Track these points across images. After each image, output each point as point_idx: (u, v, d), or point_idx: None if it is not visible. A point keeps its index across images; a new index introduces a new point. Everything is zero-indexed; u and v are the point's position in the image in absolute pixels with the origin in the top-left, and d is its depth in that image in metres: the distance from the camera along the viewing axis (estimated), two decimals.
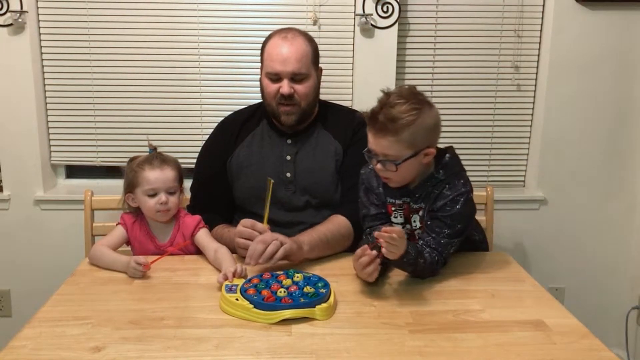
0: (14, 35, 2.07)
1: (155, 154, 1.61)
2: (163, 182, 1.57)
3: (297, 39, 1.69)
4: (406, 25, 2.20)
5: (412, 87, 1.44)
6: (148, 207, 1.58)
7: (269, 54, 1.69)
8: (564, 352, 1.11)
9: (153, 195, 1.57)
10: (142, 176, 1.57)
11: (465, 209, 1.45)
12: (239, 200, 1.79)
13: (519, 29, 2.22)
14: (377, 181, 1.54)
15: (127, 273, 1.45)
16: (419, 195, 1.48)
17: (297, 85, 1.68)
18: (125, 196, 1.62)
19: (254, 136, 1.79)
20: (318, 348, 1.12)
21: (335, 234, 1.60)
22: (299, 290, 1.27)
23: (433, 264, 1.41)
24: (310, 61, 1.71)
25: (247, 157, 1.76)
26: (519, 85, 2.28)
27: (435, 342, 1.14)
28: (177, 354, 1.09)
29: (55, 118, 2.21)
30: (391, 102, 1.37)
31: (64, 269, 1.58)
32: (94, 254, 1.55)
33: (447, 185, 1.45)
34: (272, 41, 1.70)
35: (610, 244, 2.35)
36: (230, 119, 1.86)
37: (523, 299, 1.35)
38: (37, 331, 1.17)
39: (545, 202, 2.30)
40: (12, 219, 2.21)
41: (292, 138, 1.76)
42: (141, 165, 1.58)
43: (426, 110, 1.39)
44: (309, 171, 1.74)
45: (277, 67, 1.66)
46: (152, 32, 2.15)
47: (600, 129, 2.26)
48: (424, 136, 1.39)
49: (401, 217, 1.52)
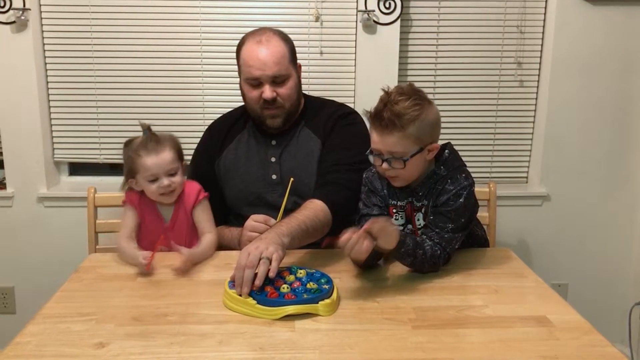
0: (17, 32, 2.08)
1: (149, 136, 1.56)
2: (161, 167, 1.53)
3: (272, 40, 1.64)
4: (408, 22, 2.20)
5: (411, 84, 1.45)
6: (151, 192, 1.56)
7: (245, 59, 1.64)
8: (567, 348, 1.11)
9: (154, 181, 1.54)
10: (139, 163, 1.53)
11: (468, 202, 1.45)
12: (230, 203, 1.77)
13: (521, 25, 2.22)
14: (381, 183, 1.53)
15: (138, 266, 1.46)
16: (422, 194, 1.48)
17: (279, 88, 1.65)
18: (127, 181, 1.60)
19: (240, 139, 1.78)
20: (321, 344, 1.12)
21: (314, 220, 1.48)
22: (302, 286, 1.27)
23: (434, 257, 1.41)
24: (289, 60, 1.67)
25: (234, 160, 1.76)
26: (521, 82, 2.28)
27: (438, 338, 1.14)
28: (181, 350, 1.09)
29: (58, 115, 2.22)
30: (394, 99, 1.38)
31: (68, 266, 1.58)
32: (118, 252, 1.55)
33: (449, 180, 1.45)
34: (246, 46, 1.65)
35: (613, 240, 2.35)
36: (217, 123, 1.85)
37: (526, 295, 1.35)
38: (41, 327, 1.17)
39: (548, 198, 2.30)
40: (15, 216, 2.22)
41: (276, 139, 1.74)
42: (137, 152, 1.54)
43: (427, 106, 1.41)
44: (293, 172, 1.70)
45: (255, 72, 1.62)
46: (154, 29, 2.16)
47: (603, 125, 2.25)
48: (428, 131, 1.41)
49: (402, 218, 1.52)
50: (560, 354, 1.09)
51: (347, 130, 1.73)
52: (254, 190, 1.72)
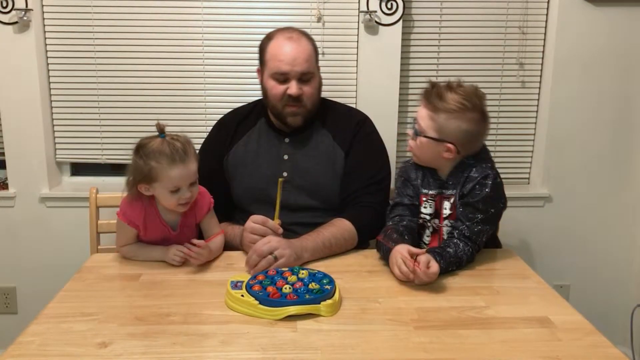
0: (19, 33, 2.08)
1: (170, 142, 1.45)
2: (187, 178, 1.46)
3: (302, 39, 1.67)
4: (410, 22, 2.20)
5: (478, 90, 1.52)
6: (169, 203, 1.48)
7: (274, 54, 1.66)
8: (569, 349, 1.11)
9: (175, 192, 1.46)
10: (162, 174, 1.43)
11: (494, 193, 1.50)
12: (237, 199, 1.78)
13: (523, 26, 2.22)
14: (415, 173, 1.60)
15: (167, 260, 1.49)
16: (452, 183, 1.54)
17: (305, 86, 1.67)
18: (137, 186, 1.48)
19: (250, 135, 1.78)
20: (323, 344, 1.12)
21: (339, 238, 1.58)
22: (304, 286, 1.28)
23: (468, 255, 1.47)
24: (315, 60, 1.70)
25: (244, 156, 1.76)
26: (523, 82, 2.28)
27: (440, 338, 1.14)
28: (183, 350, 1.10)
29: (60, 116, 2.22)
30: (453, 87, 1.48)
31: (70, 266, 1.58)
32: (127, 255, 1.55)
33: (474, 169, 1.52)
34: (275, 41, 1.67)
35: (615, 241, 2.35)
36: (227, 118, 1.85)
37: (528, 295, 1.35)
38: (44, 327, 1.17)
39: (550, 199, 2.30)
40: (17, 217, 2.22)
41: (289, 137, 1.75)
42: (159, 160, 1.42)
43: (470, 114, 1.47)
44: (306, 171, 1.72)
45: (284, 67, 1.64)
46: (156, 30, 2.16)
47: (605, 126, 2.25)
48: (454, 132, 1.47)
49: (431, 207, 1.57)
50: (562, 355, 1.09)
51: (369, 141, 1.77)
52: (262, 187, 1.71)
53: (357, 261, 1.55)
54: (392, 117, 2.16)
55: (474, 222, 1.49)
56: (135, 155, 1.47)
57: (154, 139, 1.46)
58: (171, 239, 1.54)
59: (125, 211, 1.53)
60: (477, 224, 1.49)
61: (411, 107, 2.26)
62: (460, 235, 1.48)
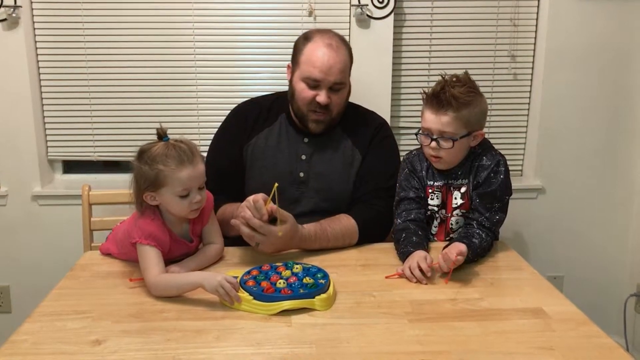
0: (8, 30, 2.06)
1: (180, 149, 1.36)
2: (197, 179, 1.37)
3: (341, 48, 1.64)
4: (402, 16, 2.19)
5: (467, 73, 1.57)
6: (180, 209, 1.38)
7: (310, 59, 1.61)
8: (563, 340, 1.12)
9: (185, 196, 1.37)
10: (171, 176, 1.33)
11: (507, 180, 1.56)
12: (249, 192, 1.75)
13: (515, 18, 2.22)
14: (420, 164, 1.62)
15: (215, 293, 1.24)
16: (461, 172, 1.57)
17: (334, 95, 1.64)
18: (143, 195, 1.37)
19: (271, 130, 1.75)
20: (318, 338, 1.12)
21: (337, 233, 1.57)
22: (298, 281, 1.28)
23: (489, 243, 1.52)
24: (349, 71, 1.69)
25: (262, 150, 1.73)
26: (515, 75, 2.28)
27: (435, 331, 1.15)
28: (178, 346, 1.09)
29: (52, 113, 2.21)
30: (452, 83, 1.51)
31: (63, 264, 1.58)
32: (157, 288, 1.31)
33: (484, 157, 1.56)
34: (314, 45, 1.63)
35: (608, 232, 2.36)
36: (246, 108, 1.81)
37: (522, 287, 1.36)
38: (38, 325, 1.17)
39: (543, 191, 2.31)
40: (9, 215, 2.21)
41: (309, 137, 1.72)
42: (167, 164, 1.33)
43: (479, 96, 1.54)
44: (322, 174, 1.71)
45: (317, 74, 1.60)
46: (147, 26, 2.14)
47: (598, 117, 2.26)
48: (477, 118, 1.53)
49: (438, 198, 1.59)
50: (556, 346, 1.09)
51: (385, 145, 1.76)
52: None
53: (351, 255, 1.55)
54: (384, 111, 2.15)
55: (492, 211, 1.53)
56: (139, 162, 1.36)
57: (157, 144, 1.37)
58: (190, 252, 1.47)
59: (144, 230, 1.37)
60: (495, 214, 1.53)
61: (404, 101, 2.26)
62: (480, 226, 1.51)
